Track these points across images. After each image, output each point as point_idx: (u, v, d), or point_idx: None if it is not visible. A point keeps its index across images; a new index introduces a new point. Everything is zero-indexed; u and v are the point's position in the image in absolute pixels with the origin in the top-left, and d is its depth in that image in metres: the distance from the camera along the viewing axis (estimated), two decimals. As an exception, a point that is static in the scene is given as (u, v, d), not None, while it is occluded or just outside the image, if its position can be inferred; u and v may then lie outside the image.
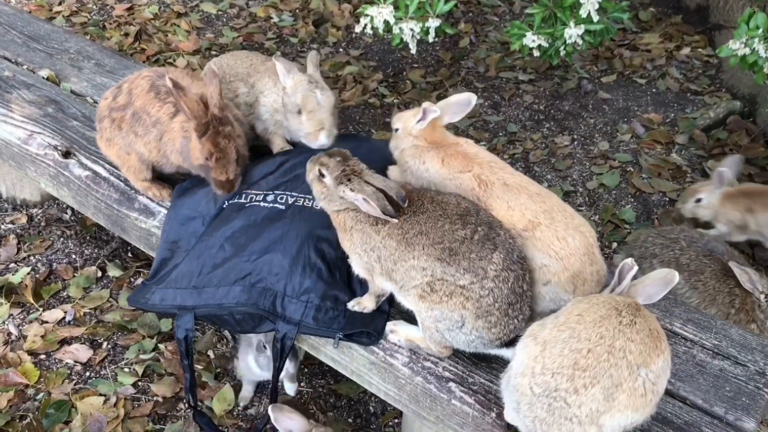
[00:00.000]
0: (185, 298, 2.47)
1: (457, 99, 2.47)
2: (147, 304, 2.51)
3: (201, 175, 2.69)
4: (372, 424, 3.03)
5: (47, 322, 3.27)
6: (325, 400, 3.08)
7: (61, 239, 3.69)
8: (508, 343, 2.15)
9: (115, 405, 2.95)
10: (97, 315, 3.33)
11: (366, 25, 3.12)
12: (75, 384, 3.04)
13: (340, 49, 5.41)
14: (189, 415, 2.91)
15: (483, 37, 5.61)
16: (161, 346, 3.19)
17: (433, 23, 3.11)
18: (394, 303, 2.37)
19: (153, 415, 2.95)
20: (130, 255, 3.64)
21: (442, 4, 3.12)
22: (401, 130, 2.50)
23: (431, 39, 3.17)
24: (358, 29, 3.16)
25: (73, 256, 3.61)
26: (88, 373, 3.09)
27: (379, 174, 2.23)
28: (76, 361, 3.13)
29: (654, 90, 5.07)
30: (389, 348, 2.36)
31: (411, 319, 2.30)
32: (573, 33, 3.22)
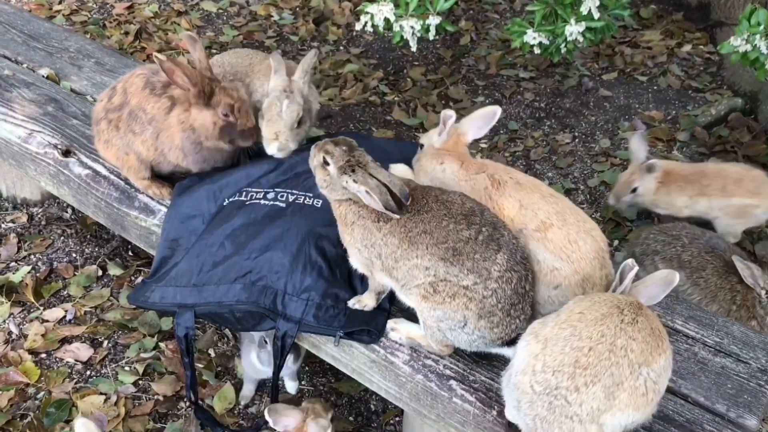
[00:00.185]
0: (185, 296, 2.46)
1: (482, 113, 2.45)
2: (147, 302, 2.51)
3: (205, 168, 2.71)
4: (373, 422, 3.02)
5: (48, 320, 3.27)
6: (326, 398, 3.07)
7: (62, 238, 3.69)
8: (509, 342, 2.15)
9: (116, 404, 2.95)
10: (98, 314, 3.33)
11: (366, 23, 3.12)
12: (75, 383, 3.04)
13: (340, 47, 5.40)
14: (190, 414, 2.91)
15: (484, 35, 5.59)
16: (162, 344, 3.19)
17: (434, 21, 3.10)
18: (395, 301, 2.36)
19: (154, 414, 2.95)
20: (130, 253, 3.63)
21: (442, 1, 3.11)
22: (426, 145, 2.51)
23: (432, 37, 3.17)
24: (358, 27, 3.16)
25: (74, 254, 3.61)
26: (88, 372, 3.09)
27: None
28: (76, 360, 3.12)
29: (655, 87, 5.06)
30: (390, 346, 2.35)
31: (412, 317, 2.29)
32: (574, 30, 3.21)
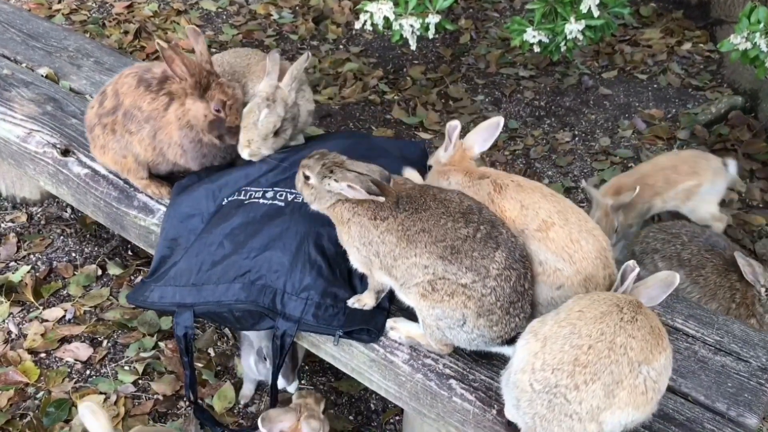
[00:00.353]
0: (184, 295, 2.46)
1: (486, 125, 2.46)
2: (146, 301, 2.50)
3: (204, 164, 2.72)
4: (373, 421, 3.02)
5: (47, 320, 3.26)
6: (326, 397, 3.07)
7: (61, 237, 3.68)
8: (509, 341, 2.14)
9: (116, 403, 2.95)
10: (98, 313, 3.33)
11: (366, 22, 3.11)
12: (75, 382, 3.04)
13: (340, 46, 5.40)
14: (189, 413, 2.91)
15: (483, 34, 5.59)
16: (161, 344, 3.19)
17: (433, 19, 3.10)
18: (394, 300, 2.36)
19: (153, 414, 2.95)
20: (130, 253, 3.63)
21: (441, 0, 3.11)
22: (433, 163, 2.52)
23: (431, 35, 3.16)
24: (357, 26, 3.15)
25: (73, 254, 3.61)
26: (88, 372, 3.09)
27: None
28: (76, 360, 3.12)
29: (655, 85, 5.06)
30: (389, 345, 2.35)
31: (411, 316, 2.29)
32: (573, 28, 3.20)
